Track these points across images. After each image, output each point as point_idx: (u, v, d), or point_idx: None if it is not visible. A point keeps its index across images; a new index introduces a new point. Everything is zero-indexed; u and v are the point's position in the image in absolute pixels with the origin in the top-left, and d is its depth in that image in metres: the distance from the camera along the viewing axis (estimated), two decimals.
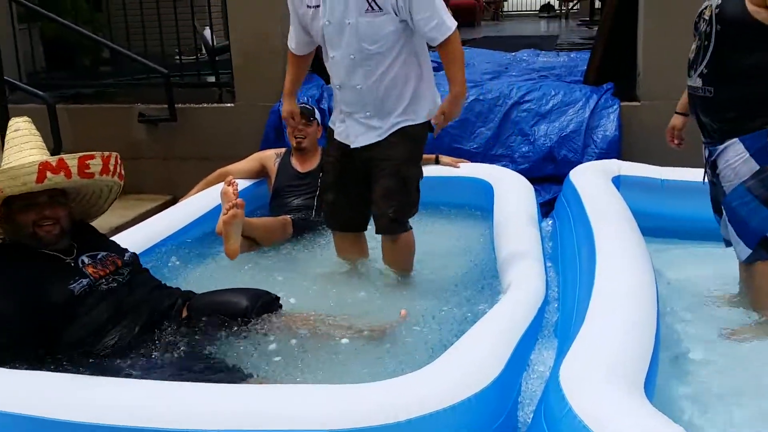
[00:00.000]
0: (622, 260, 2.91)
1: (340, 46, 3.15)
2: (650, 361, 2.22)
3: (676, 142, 3.34)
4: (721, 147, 2.93)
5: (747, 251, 2.93)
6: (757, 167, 2.85)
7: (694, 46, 3.00)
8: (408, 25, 3.10)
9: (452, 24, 3.12)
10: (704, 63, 2.91)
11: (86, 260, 2.67)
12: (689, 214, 3.80)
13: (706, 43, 2.89)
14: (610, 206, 3.58)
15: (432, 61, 3.38)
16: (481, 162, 4.87)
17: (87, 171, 2.55)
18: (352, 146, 3.26)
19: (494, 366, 2.26)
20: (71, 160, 2.51)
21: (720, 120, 2.93)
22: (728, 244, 3.08)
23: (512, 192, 4.12)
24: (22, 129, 2.60)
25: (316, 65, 6.08)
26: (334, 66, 3.24)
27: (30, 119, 2.65)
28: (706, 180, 3.14)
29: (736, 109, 2.87)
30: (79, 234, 2.75)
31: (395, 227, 3.26)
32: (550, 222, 4.35)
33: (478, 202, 4.29)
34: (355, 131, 3.25)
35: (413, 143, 3.27)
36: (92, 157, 2.57)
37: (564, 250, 3.61)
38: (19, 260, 2.57)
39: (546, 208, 4.60)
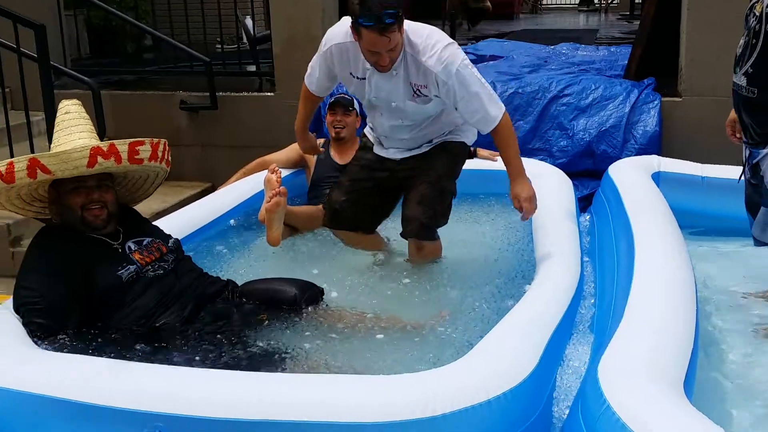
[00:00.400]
0: (661, 257, 2.89)
1: (383, 115, 3.25)
2: (690, 358, 2.20)
3: (737, 136, 3.20)
4: (764, 152, 2.88)
5: None
6: None
7: (742, 41, 2.92)
8: None
9: (498, 112, 3.14)
10: (750, 62, 2.84)
11: (133, 246, 2.70)
12: (730, 212, 3.74)
13: (753, 41, 2.81)
14: (649, 202, 3.55)
15: (469, 53, 3.38)
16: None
17: (136, 157, 2.59)
18: (391, 158, 3.34)
19: (529, 360, 2.26)
20: (122, 145, 2.55)
21: (763, 123, 2.87)
22: (758, 243, 3.04)
23: (550, 186, 4.09)
24: (72, 112, 2.64)
25: None
26: (376, 121, 3.33)
27: (80, 102, 2.69)
28: (743, 178, 3.09)
29: None
30: (124, 219, 2.77)
31: (425, 233, 3.27)
32: (588, 217, 4.32)
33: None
34: (395, 152, 3.36)
35: (454, 158, 3.35)
36: (142, 143, 2.61)
37: (602, 246, 3.59)
38: (68, 243, 2.60)
39: (583, 203, 4.57)
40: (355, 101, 4.61)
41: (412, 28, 3.13)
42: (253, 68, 6.62)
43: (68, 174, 2.51)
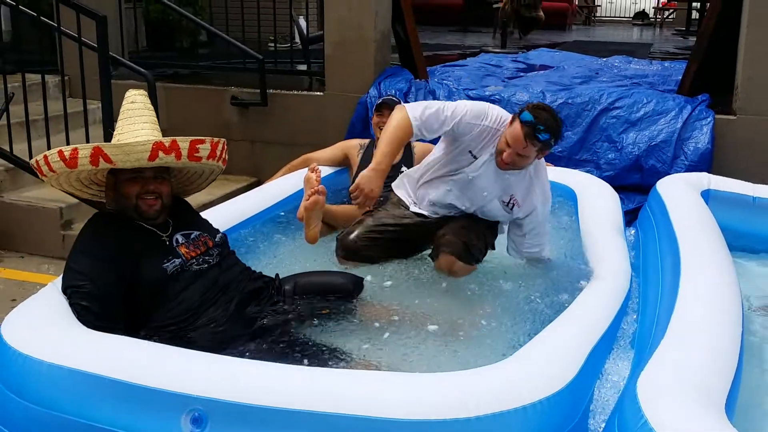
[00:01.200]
0: (707, 275, 2.85)
1: (453, 193, 3.38)
2: (733, 378, 2.17)
3: None
4: None
5: None
6: None
7: None
8: None
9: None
10: None
11: (180, 239, 2.72)
12: None
13: None
14: (697, 219, 3.50)
15: (519, 62, 3.39)
16: (564, 166, 4.81)
17: (196, 155, 2.64)
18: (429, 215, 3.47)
19: (568, 370, 2.25)
20: (183, 142, 2.60)
21: None
22: None
23: (597, 199, 4.06)
24: (137, 102, 2.69)
25: (403, 58, 6.15)
26: (439, 191, 3.42)
27: (146, 93, 2.74)
28: None
29: None
30: (175, 211, 2.80)
31: (465, 254, 3.27)
32: (633, 231, 4.27)
33: (561, 208, 4.25)
34: (434, 212, 3.48)
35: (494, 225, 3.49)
36: (202, 142, 2.65)
37: (646, 261, 3.55)
38: (119, 231, 2.64)
39: (628, 217, 4.51)
40: (402, 102, 4.63)
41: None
42: (304, 67, 6.68)
43: (129, 165, 2.56)
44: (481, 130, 3.24)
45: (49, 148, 4.46)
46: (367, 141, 4.71)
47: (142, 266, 2.60)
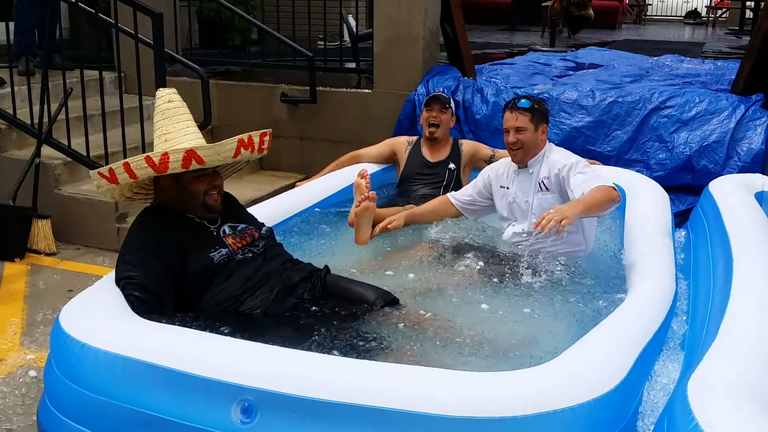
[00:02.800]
0: (760, 277, 2.79)
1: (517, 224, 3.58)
2: None
3: None
4: None
5: None
6: None
7: None
8: None
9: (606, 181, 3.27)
10: None
11: (227, 230, 2.82)
12: None
13: None
14: (751, 221, 3.43)
15: (568, 60, 3.41)
16: (614, 165, 4.76)
17: (263, 147, 2.78)
18: None
19: (618, 371, 2.23)
20: (255, 137, 2.74)
21: None
22: None
23: (646, 199, 4.01)
24: (175, 101, 2.77)
25: (451, 56, 6.14)
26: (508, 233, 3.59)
27: (176, 90, 2.80)
28: None
29: None
30: (223, 204, 2.88)
31: None
32: (683, 233, 4.21)
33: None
34: None
35: None
36: (266, 134, 2.80)
37: (697, 263, 3.50)
38: (169, 224, 2.73)
39: (679, 219, 4.45)
40: (451, 101, 4.64)
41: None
42: (353, 65, 6.72)
43: (217, 163, 2.70)
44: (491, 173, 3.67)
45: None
46: (414, 138, 4.73)
47: (190, 256, 2.68)
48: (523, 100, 3.45)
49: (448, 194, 3.81)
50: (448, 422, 1.95)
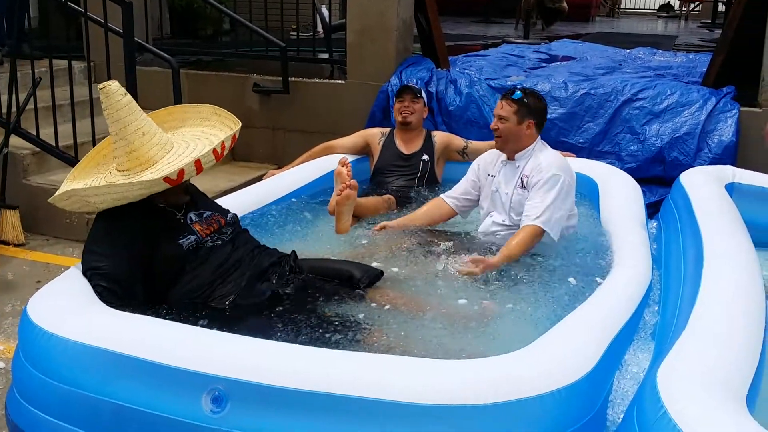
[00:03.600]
0: (730, 268, 2.82)
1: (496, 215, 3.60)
2: (755, 371, 2.15)
3: None
4: None
5: None
6: None
7: None
8: None
9: (545, 226, 3.30)
10: None
11: (193, 217, 2.80)
12: None
13: None
14: (721, 212, 3.47)
15: (542, 53, 3.44)
16: (586, 157, 4.78)
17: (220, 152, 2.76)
18: None
19: (588, 360, 2.24)
20: (227, 141, 2.76)
21: None
22: None
23: (619, 191, 4.04)
24: (127, 95, 2.67)
25: (425, 47, 6.13)
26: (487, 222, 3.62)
27: (120, 84, 2.70)
28: None
29: None
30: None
31: None
32: (655, 224, 4.24)
33: (582, 199, 4.23)
34: None
35: None
36: (235, 139, 2.81)
37: (668, 254, 3.53)
38: (135, 212, 2.69)
39: (651, 210, 4.48)
40: (423, 92, 4.63)
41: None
42: (326, 56, 6.69)
43: (208, 166, 2.70)
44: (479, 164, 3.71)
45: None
46: (388, 129, 4.72)
47: (159, 244, 2.66)
48: (517, 92, 3.47)
49: (441, 195, 3.77)
50: (417, 410, 1.94)
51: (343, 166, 3.42)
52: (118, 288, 2.55)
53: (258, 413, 2.02)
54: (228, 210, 3.00)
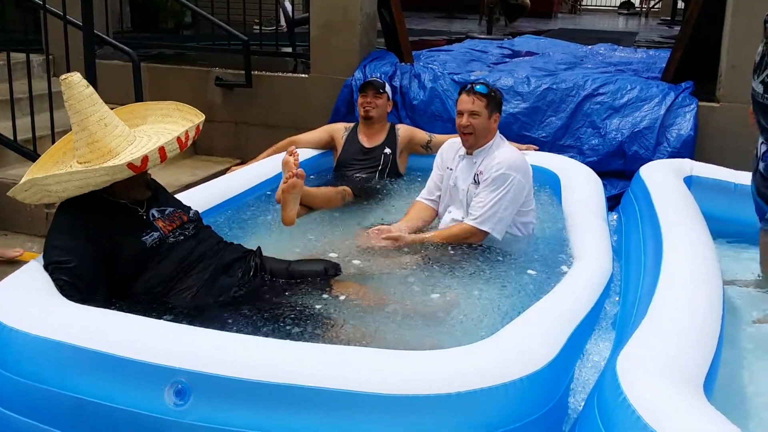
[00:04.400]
0: (689, 259, 2.88)
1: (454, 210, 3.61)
2: (712, 358, 2.20)
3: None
4: None
5: None
6: None
7: (760, 49, 2.96)
8: None
9: (488, 228, 3.37)
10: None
11: (156, 214, 2.78)
12: None
13: None
14: (680, 205, 3.53)
15: (504, 48, 3.48)
16: (548, 151, 4.84)
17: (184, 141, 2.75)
18: None
19: (549, 349, 2.27)
20: (191, 131, 2.75)
21: None
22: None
23: (580, 184, 4.09)
24: (89, 87, 2.67)
25: (389, 42, 6.14)
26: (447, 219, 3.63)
27: (81, 76, 2.71)
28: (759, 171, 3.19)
29: None
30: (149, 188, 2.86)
31: None
32: (615, 216, 4.31)
33: (544, 192, 4.28)
34: None
35: None
36: (198, 131, 2.81)
37: (628, 245, 3.59)
38: (97, 208, 2.67)
39: (611, 203, 4.55)
40: (387, 86, 4.64)
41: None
42: (289, 50, 6.66)
43: (172, 155, 2.68)
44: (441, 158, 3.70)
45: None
46: (352, 124, 4.73)
47: (121, 240, 2.64)
48: (480, 86, 3.47)
49: (418, 198, 3.78)
50: (381, 401, 1.95)
51: (290, 155, 3.41)
52: (80, 282, 2.53)
53: (221, 406, 2.01)
54: (190, 207, 2.98)
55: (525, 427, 2.07)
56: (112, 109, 2.74)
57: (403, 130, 4.66)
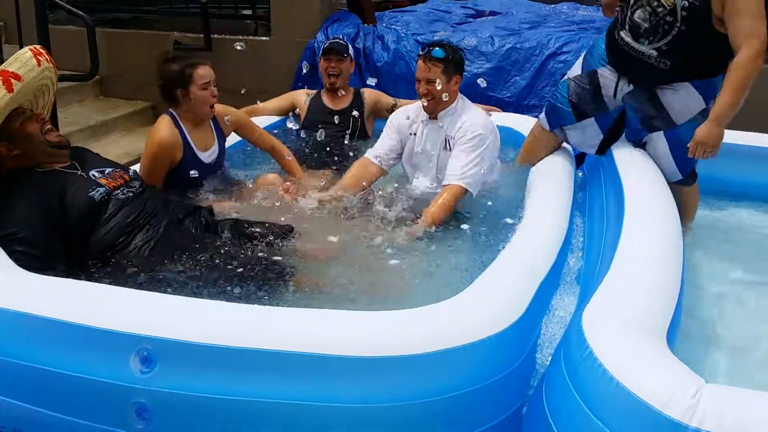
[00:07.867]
0: (650, 214, 2.91)
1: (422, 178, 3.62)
2: (674, 310, 2.24)
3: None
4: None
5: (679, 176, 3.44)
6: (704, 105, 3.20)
7: (645, 15, 3.13)
8: None
9: (473, 189, 3.39)
10: (665, 41, 3.13)
11: (96, 174, 2.82)
12: (724, 177, 3.85)
13: (670, 21, 3.07)
14: (640, 161, 3.56)
15: (468, 8, 3.47)
16: (513, 112, 4.84)
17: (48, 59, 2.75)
18: None
19: (517, 307, 2.29)
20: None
21: (667, 80, 3.23)
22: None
23: None
24: None
25: (351, 3, 6.06)
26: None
27: None
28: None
29: (689, 73, 3.19)
30: (76, 155, 2.89)
31: None
32: (580, 174, 4.33)
33: (507, 150, 4.28)
34: None
35: None
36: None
37: (592, 201, 3.62)
38: (36, 176, 2.69)
39: (577, 162, 4.56)
40: (350, 47, 4.59)
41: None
42: (249, 12, 6.54)
43: (33, 75, 2.66)
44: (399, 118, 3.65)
45: None
46: (314, 91, 4.68)
47: (68, 199, 2.66)
48: (437, 49, 3.39)
49: (366, 154, 3.72)
50: (348, 362, 1.95)
51: (286, 193, 3.42)
52: (36, 251, 2.52)
53: (187, 372, 1.99)
54: (128, 167, 3.01)
55: (494, 384, 2.09)
56: None
57: (369, 93, 4.62)
